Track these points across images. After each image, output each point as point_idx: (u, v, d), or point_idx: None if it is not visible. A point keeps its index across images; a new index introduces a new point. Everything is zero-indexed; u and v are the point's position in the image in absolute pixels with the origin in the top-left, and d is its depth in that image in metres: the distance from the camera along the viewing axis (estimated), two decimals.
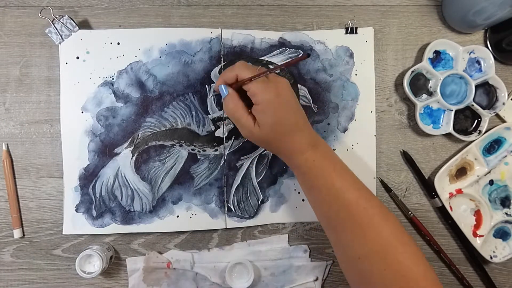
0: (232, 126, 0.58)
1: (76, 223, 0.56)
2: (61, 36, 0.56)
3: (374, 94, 0.60)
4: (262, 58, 0.59)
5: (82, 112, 0.57)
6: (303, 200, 0.59)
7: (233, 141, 0.58)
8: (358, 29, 0.60)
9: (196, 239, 0.59)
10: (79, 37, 0.57)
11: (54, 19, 0.55)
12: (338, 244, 0.48)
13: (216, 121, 0.58)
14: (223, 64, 0.58)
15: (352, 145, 0.60)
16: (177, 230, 0.58)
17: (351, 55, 0.60)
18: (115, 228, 0.57)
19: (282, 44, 0.59)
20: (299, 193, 0.59)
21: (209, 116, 0.58)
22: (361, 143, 0.60)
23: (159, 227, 0.57)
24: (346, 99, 0.60)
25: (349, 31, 0.60)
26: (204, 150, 0.58)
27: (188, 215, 0.58)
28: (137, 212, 0.57)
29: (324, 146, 0.49)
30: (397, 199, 0.61)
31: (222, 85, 0.50)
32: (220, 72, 0.58)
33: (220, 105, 0.58)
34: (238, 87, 0.50)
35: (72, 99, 0.57)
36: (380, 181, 0.61)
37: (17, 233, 0.57)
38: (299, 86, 0.59)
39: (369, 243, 0.44)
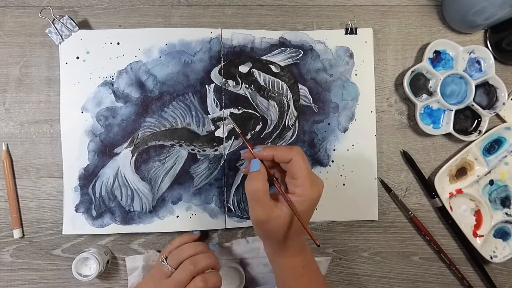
0: (232, 127, 0.58)
1: (75, 223, 0.56)
2: (61, 36, 0.56)
3: (374, 94, 0.60)
4: (262, 57, 0.59)
5: (82, 112, 0.57)
6: None
7: (233, 141, 0.58)
8: (357, 29, 0.60)
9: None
10: (79, 37, 0.57)
11: (54, 19, 0.55)
12: None
13: (216, 121, 0.58)
14: (223, 64, 0.58)
15: (353, 145, 0.60)
16: (177, 230, 0.58)
17: (351, 55, 0.60)
18: (115, 228, 0.57)
19: (283, 44, 0.59)
20: None
21: (209, 116, 0.58)
22: (361, 143, 0.60)
23: (159, 227, 0.57)
24: (346, 99, 0.60)
25: (348, 32, 0.60)
26: (204, 150, 0.58)
27: (188, 215, 0.58)
28: (137, 212, 0.57)
29: (309, 250, 0.50)
30: (397, 199, 0.61)
31: (255, 160, 0.46)
32: (220, 72, 0.58)
33: (220, 105, 0.58)
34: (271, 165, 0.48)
35: (72, 99, 0.57)
36: (380, 181, 0.61)
37: (17, 233, 0.57)
38: (299, 86, 0.59)
39: None
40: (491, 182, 0.63)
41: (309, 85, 0.60)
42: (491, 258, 0.60)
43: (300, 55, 0.60)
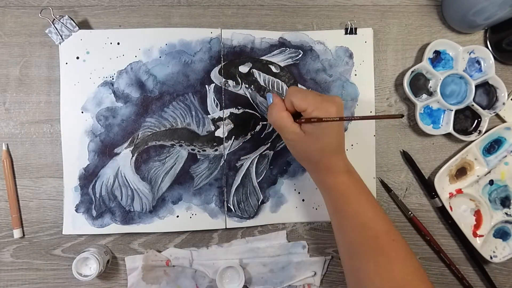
0: (232, 126, 0.58)
1: (76, 223, 0.56)
2: (61, 36, 0.56)
3: (374, 95, 0.60)
4: (262, 58, 0.59)
5: (82, 112, 0.57)
6: (303, 200, 0.59)
7: (233, 141, 0.58)
8: (357, 29, 0.60)
9: (196, 239, 0.59)
10: (79, 37, 0.57)
11: (54, 19, 0.55)
12: (356, 273, 0.46)
13: (216, 121, 0.58)
14: (223, 64, 0.58)
15: (352, 145, 0.60)
16: (177, 230, 0.58)
17: (351, 56, 0.60)
18: (115, 228, 0.57)
19: (282, 44, 0.59)
20: (299, 193, 0.59)
21: (209, 116, 0.58)
22: (360, 143, 0.60)
23: (159, 227, 0.57)
24: (346, 99, 0.60)
25: (348, 32, 0.60)
26: (204, 150, 0.58)
27: (188, 215, 0.58)
28: (137, 212, 0.57)
29: (357, 174, 0.50)
30: (397, 199, 0.61)
31: (269, 94, 0.49)
32: (220, 72, 0.58)
33: (220, 105, 0.58)
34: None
35: (72, 99, 0.57)
36: (380, 181, 0.61)
37: (17, 233, 0.57)
38: (299, 86, 0.59)
39: (392, 278, 0.43)
40: (491, 182, 0.63)
41: (309, 85, 0.60)
42: (491, 258, 0.60)
43: (300, 55, 0.60)
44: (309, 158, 0.49)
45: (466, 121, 0.62)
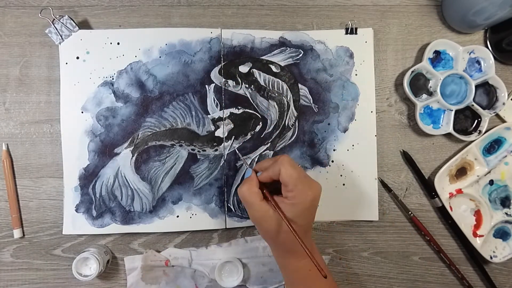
0: (232, 126, 0.58)
1: (76, 223, 0.56)
2: (61, 36, 0.56)
3: (374, 95, 0.60)
4: (262, 57, 0.59)
5: (82, 112, 0.57)
6: None
7: (233, 141, 0.58)
8: (358, 29, 0.60)
9: (196, 239, 0.59)
10: (79, 37, 0.57)
11: (54, 19, 0.55)
12: None
13: (216, 121, 0.58)
14: (223, 64, 0.58)
15: (353, 145, 0.60)
16: (177, 230, 0.58)
17: (351, 56, 0.60)
18: (115, 228, 0.57)
19: (283, 44, 0.59)
20: None
21: (209, 116, 0.58)
22: (361, 143, 0.60)
23: (159, 227, 0.57)
24: (347, 99, 0.60)
25: (349, 32, 0.60)
26: (204, 150, 0.58)
27: (188, 215, 0.58)
28: (137, 212, 0.57)
29: (317, 254, 0.50)
30: (397, 199, 0.61)
31: (250, 170, 0.49)
32: (220, 72, 0.58)
33: (220, 105, 0.58)
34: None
35: (72, 99, 0.57)
36: (380, 181, 0.61)
37: (17, 233, 0.57)
38: (299, 86, 0.59)
39: None
40: (491, 182, 0.63)
41: (309, 85, 0.60)
42: (491, 258, 0.60)
43: (300, 55, 0.60)
44: (274, 238, 0.47)
45: (466, 121, 0.62)
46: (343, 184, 0.60)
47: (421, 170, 0.61)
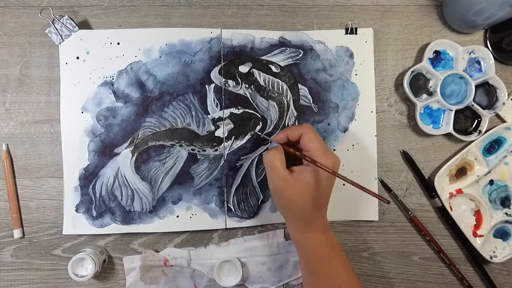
0: (232, 126, 0.58)
1: (76, 223, 0.56)
2: (61, 36, 0.56)
3: (374, 95, 0.60)
4: (262, 57, 0.59)
5: (82, 112, 0.57)
6: None
7: (233, 141, 0.58)
8: (358, 29, 0.60)
9: (196, 239, 0.59)
10: (79, 37, 0.57)
11: (54, 19, 0.55)
12: None
13: (216, 121, 0.58)
14: (223, 64, 0.58)
15: (353, 145, 0.60)
16: (177, 230, 0.58)
17: (351, 55, 0.60)
18: (115, 228, 0.57)
19: (283, 44, 0.59)
20: None
21: (209, 116, 0.58)
22: (361, 143, 0.60)
23: (159, 227, 0.57)
24: (346, 99, 0.60)
25: (349, 32, 0.60)
26: (204, 150, 0.58)
27: (188, 215, 0.58)
28: (137, 212, 0.57)
29: (332, 234, 0.50)
30: (397, 199, 0.61)
31: (273, 142, 0.50)
32: (220, 72, 0.58)
33: (220, 105, 0.58)
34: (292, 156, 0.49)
35: (72, 99, 0.57)
36: (380, 181, 0.61)
37: (17, 233, 0.57)
38: (299, 86, 0.59)
39: None
40: (491, 182, 0.63)
41: (309, 85, 0.60)
42: (491, 258, 0.60)
43: (300, 55, 0.60)
44: (292, 208, 0.47)
45: (466, 121, 0.62)
46: (343, 184, 0.60)
47: (421, 170, 0.61)
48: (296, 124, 0.59)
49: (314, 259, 0.48)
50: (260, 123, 0.59)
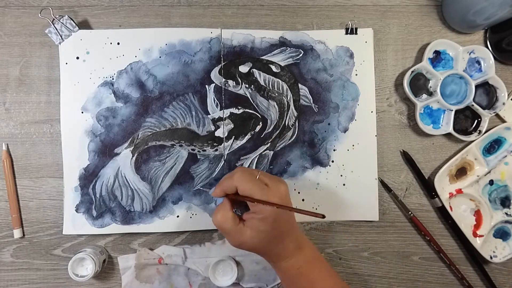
0: (232, 126, 0.58)
1: (76, 223, 0.56)
2: (61, 36, 0.56)
3: (374, 95, 0.60)
4: (263, 57, 0.59)
5: (82, 112, 0.57)
6: (303, 200, 0.59)
7: (233, 141, 0.58)
8: (358, 29, 0.60)
9: (196, 239, 0.59)
10: (79, 37, 0.57)
11: (54, 19, 0.55)
12: None
13: (216, 121, 0.58)
14: (223, 64, 0.58)
15: (353, 145, 0.60)
16: (177, 230, 0.58)
17: (351, 56, 0.60)
18: (115, 228, 0.57)
19: (283, 44, 0.59)
20: (299, 193, 0.59)
21: (209, 116, 0.58)
22: (362, 143, 0.60)
23: (159, 227, 0.57)
24: (347, 99, 0.60)
25: (349, 32, 0.60)
26: (204, 150, 0.58)
27: (188, 215, 0.58)
28: (137, 212, 0.57)
29: (308, 247, 0.50)
30: (397, 199, 0.61)
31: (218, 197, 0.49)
32: (220, 72, 0.58)
33: (220, 105, 0.58)
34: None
35: (72, 99, 0.57)
36: (380, 181, 0.61)
37: (17, 233, 0.57)
38: (299, 85, 0.59)
39: None
40: (491, 182, 0.63)
41: (309, 85, 0.60)
42: (491, 258, 0.60)
43: (301, 55, 0.60)
44: (259, 252, 0.49)
45: (466, 121, 0.62)
46: (343, 184, 0.60)
47: (421, 170, 0.61)
48: (296, 124, 0.59)
49: (291, 279, 0.49)
50: (260, 123, 0.59)
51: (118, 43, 0.57)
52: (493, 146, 0.62)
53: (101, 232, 0.57)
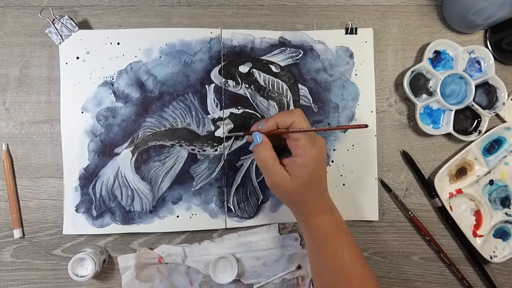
0: (232, 126, 0.58)
1: (76, 223, 0.56)
2: (61, 36, 0.56)
3: (374, 95, 0.60)
4: (262, 57, 0.59)
5: (82, 112, 0.57)
6: None
7: (233, 141, 0.58)
8: (358, 29, 0.60)
9: (196, 239, 0.59)
10: (79, 37, 0.57)
11: (54, 19, 0.55)
12: None
13: (216, 121, 0.58)
14: (223, 64, 0.58)
15: (353, 145, 0.60)
16: (177, 230, 0.58)
17: (351, 55, 0.60)
18: (115, 228, 0.57)
19: (283, 44, 0.59)
20: None
21: (209, 116, 0.58)
22: (361, 143, 0.60)
23: (159, 227, 0.57)
24: (346, 99, 0.60)
25: (349, 32, 0.60)
26: (204, 150, 0.58)
27: (188, 215, 0.58)
28: (137, 212, 0.57)
29: (338, 213, 0.50)
30: (397, 199, 0.61)
31: (257, 133, 0.49)
32: (220, 72, 0.58)
33: (220, 105, 0.58)
34: (274, 135, 0.49)
35: (72, 99, 0.57)
36: (380, 181, 0.61)
37: (17, 233, 0.57)
38: (299, 86, 0.59)
39: None
40: (491, 182, 0.63)
41: (309, 85, 0.60)
42: (491, 258, 0.60)
43: (300, 55, 0.60)
44: (293, 200, 0.49)
45: (466, 121, 0.62)
46: (343, 184, 0.60)
47: (421, 170, 0.61)
48: None
49: (318, 239, 0.49)
50: None
51: (118, 43, 0.57)
52: (493, 146, 0.62)
53: (101, 232, 0.57)
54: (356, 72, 0.60)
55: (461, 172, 0.62)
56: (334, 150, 0.60)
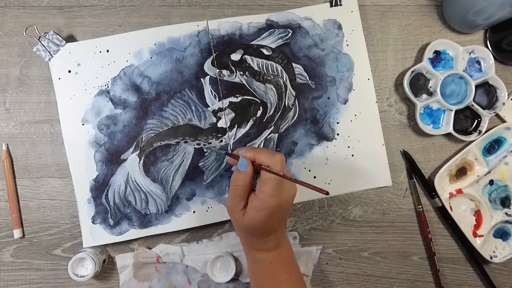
0: (234, 115, 0.58)
1: (95, 235, 0.56)
2: (49, 53, 0.56)
3: (368, 62, 0.60)
4: (252, 42, 0.59)
5: (83, 124, 0.56)
6: (314, 177, 0.59)
7: (237, 129, 0.58)
8: (342, 0, 0.60)
9: (196, 239, 0.59)
10: (67, 51, 0.56)
11: (40, 36, 0.55)
12: None
13: (217, 112, 0.58)
14: (214, 55, 0.58)
15: (355, 115, 0.60)
16: (195, 226, 0.57)
17: (340, 27, 0.60)
18: (134, 233, 0.56)
19: (270, 26, 0.59)
20: (309, 170, 0.59)
21: (208, 108, 0.58)
22: (363, 111, 0.60)
23: (177, 225, 0.57)
24: (342, 70, 0.60)
25: (333, 4, 0.60)
26: (210, 143, 0.58)
27: (204, 209, 0.57)
28: (153, 214, 0.57)
29: (287, 248, 0.50)
30: (415, 188, 0.60)
31: (245, 161, 0.47)
32: (212, 63, 0.58)
33: (218, 96, 0.58)
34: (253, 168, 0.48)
35: (71, 113, 0.56)
36: (404, 155, 0.61)
37: (17, 233, 0.57)
38: (293, 65, 0.59)
39: None
40: (491, 182, 0.63)
41: (303, 63, 0.59)
42: (491, 258, 0.60)
43: (289, 34, 0.59)
44: (240, 232, 0.49)
45: (466, 121, 0.62)
46: (352, 155, 0.59)
47: (421, 170, 0.61)
48: (296, 103, 0.59)
49: (260, 273, 0.49)
50: (261, 107, 0.59)
51: (108, 50, 0.57)
52: (493, 146, 0.62)
53: (121, 240, 0.56)
54: (347, 42, 0.60)
55: (461, 172, 0.62)
56: (337, 123, 0.59)
